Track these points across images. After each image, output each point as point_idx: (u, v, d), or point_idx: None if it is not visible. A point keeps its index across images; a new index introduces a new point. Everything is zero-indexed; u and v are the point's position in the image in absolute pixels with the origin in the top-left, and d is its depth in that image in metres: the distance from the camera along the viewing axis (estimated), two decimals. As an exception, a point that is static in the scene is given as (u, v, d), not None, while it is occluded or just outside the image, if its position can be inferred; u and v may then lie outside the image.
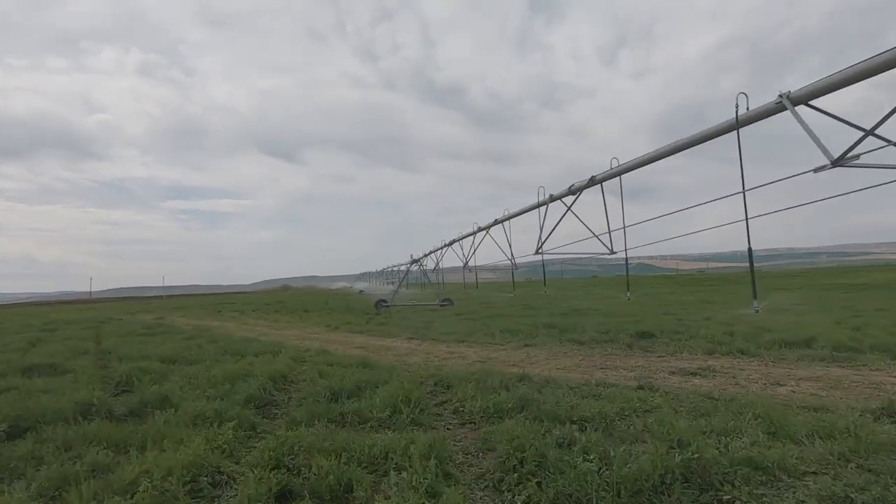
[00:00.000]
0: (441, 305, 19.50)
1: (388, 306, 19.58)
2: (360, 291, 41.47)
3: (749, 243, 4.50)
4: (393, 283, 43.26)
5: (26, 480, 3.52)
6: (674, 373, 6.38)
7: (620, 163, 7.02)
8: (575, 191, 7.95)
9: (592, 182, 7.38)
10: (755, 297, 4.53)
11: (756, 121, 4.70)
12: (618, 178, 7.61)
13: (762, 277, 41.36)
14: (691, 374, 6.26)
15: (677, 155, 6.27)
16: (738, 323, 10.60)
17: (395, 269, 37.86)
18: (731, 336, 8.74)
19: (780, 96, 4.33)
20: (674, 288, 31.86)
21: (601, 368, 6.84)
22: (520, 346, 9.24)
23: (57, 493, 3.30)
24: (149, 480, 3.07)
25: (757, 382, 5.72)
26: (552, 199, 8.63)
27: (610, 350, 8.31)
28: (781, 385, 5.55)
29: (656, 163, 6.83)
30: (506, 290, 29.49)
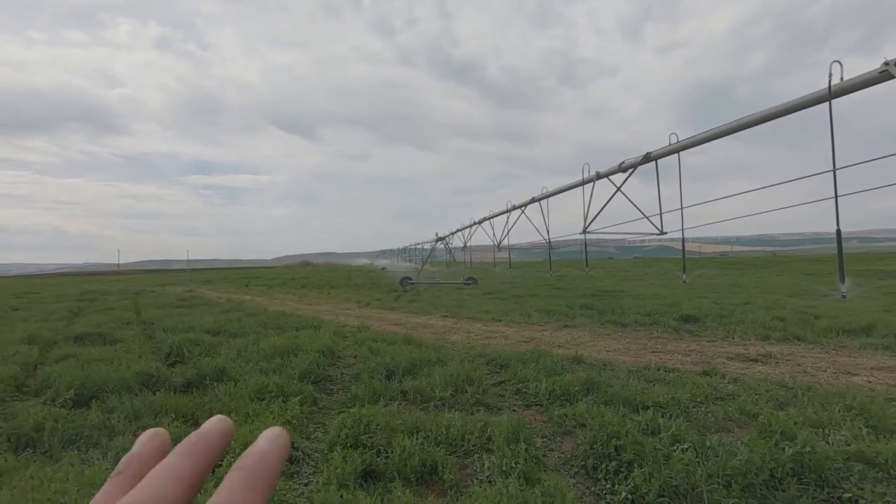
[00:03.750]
0: (465, 284, 19.42)
1: (413, 284, 19.56)
2: (383, 269, 41.67)
3: (838, 225, 4.20)
4: (412, 260, 43.30)
5: (101, 449, 3.53)
6: (732, 358, 6.16)
7: (679, 139, 6.66)
8: (626, 168, 7.61)
9: (647, 159, 7.03)
10: (843, 282, 4.25)
11: (852, 91, 4.32)
12: (666, 156, 7.28)
13: (791, 262, 40.22)
14: (752, 360, 6.02)
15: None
16: (782, 308, 10.25)
17: (417, 246, 37.81)
18: (782, 321, 8.45)
19: (886, 64, 3.96)
20: (699, 270, 31.19)
21: (653, 352, 6.64)
22: (559, 326, 9.08)
23: (134, 463, 3.29)
24: (230, 455, 3.02)
25: (826, 371, 5.47)
26: (599, 176, 8.30)
27: (656, 333, 8.09)
28: (854, 375, 5.29)
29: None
30: (538, 270, 29.29)
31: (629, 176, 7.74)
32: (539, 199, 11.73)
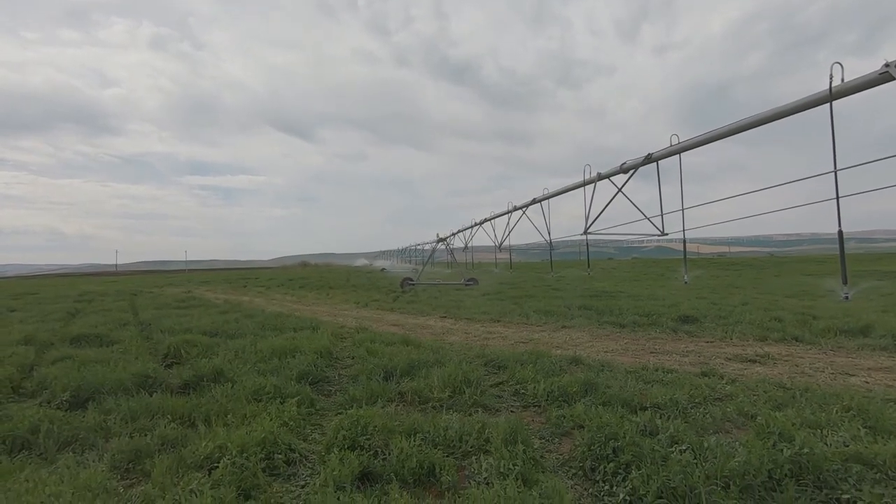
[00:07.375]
0: (466, 285, 19.42)
1: (413, 285, 19.55)
2: (382, 269, 41.66)
3: (840, 226, 4.21)
4: (412, 261, 43.32)
5: (97, 451, 3.51)
6: (730, 359, 6.16)
7: (680, 140, 6.67)
8: (627, 169, 7.63)
9: (649, 160, 7.05)
10: (845, 283, 4.26)
11: (853, 93, 4.33)
12: (667, 157, 7.29)
13: (788, 262, 40.30)
14: (750, 360, 6.02)
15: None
16: (780, 308, 10.25)
17: (418, 247, 37.79)
18: (780, 322, 8.45)
19: (886, 66, 3.97)
20: (697, 271, 31.24)
21: (651, 353, 6.64)
22: (557, 327, 9.07)
23: (130, 465, 3.27)
24: (227, 457, 3.01)
25: (823, 372, 5.47)
26: (600, 177, 8.31)
27: (654, 334, 8.09)
28: (852, 375, 5.29)
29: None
30: (538, 271, 29.33)
31: (630, 177, 7.75)
32: (540, 200, 11.75)
